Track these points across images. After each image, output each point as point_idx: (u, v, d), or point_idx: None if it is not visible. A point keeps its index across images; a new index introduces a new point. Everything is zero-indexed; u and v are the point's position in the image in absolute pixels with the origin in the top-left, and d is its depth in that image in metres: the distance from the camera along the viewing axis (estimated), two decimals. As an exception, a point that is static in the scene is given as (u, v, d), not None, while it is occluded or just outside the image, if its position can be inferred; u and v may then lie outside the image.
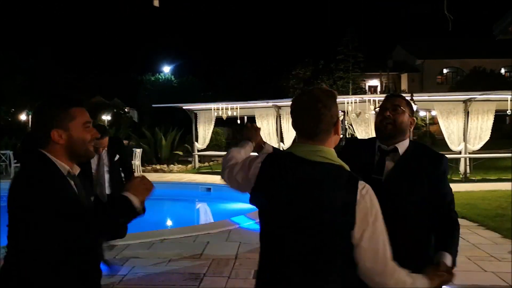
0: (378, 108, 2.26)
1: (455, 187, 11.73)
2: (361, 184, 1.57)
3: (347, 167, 1.64)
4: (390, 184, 2.10)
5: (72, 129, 1.77)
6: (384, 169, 2.15)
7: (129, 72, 32.06)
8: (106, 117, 30.90)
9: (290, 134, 13.41)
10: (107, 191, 4.60)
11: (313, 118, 1.64)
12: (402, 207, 2.07)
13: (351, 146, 2.43)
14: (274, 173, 1.68)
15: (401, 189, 2.09)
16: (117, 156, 4.68)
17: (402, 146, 2.17)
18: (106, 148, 4.54)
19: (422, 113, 25.90)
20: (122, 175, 4.83)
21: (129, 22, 41.99)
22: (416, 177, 2.11)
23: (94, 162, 4.52)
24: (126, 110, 35.42)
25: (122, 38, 39.32)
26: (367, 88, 41.52)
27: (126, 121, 30.00)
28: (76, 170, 1.84)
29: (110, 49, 35.02)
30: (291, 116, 1.71)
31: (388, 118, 2.16)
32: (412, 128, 2.26)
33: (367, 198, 1.55)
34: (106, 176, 4.61)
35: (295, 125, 1.70)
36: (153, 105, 19.92)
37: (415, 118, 2.28)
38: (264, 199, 1.70)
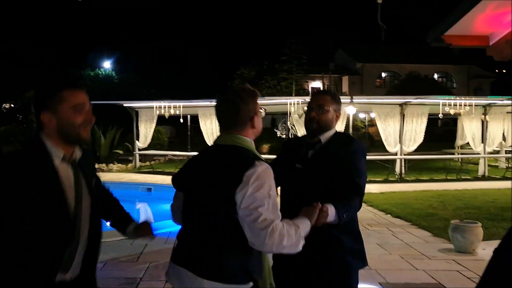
0: (307, 107, 2.45)
1: (391, 187, 12.10)
2: (259, 162, 1.69)
3: (257, 154, 1.79)
4: (307, 170, 2.30)
5: (61, 111, 1.69)
6: (306, 159, 2.36)
7: (67, 66, 30.58)
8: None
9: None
10: None
11: (231, 111, 1.80)
12: (318, 190, 2.22)
13: (287, 145, 2.64)
14: (193, 159, 1.93)
15: (317, 173, 2.27)
16: None
17: (325, 137, 2.38)
18: None
19: (361, 115, 26.76)
20: None
21: (66, 15, 40.16)
22: (330, 160, 2.28)
23: None
24: (63, 106, 33.77)
25: (59, 31, 37.46)
26: (310, 89, 42.37)
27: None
28: (77, 154, 1.77)
29: (45, 41, 33.23)
30: (215, 110, 1.87)
31: (313, 118, 2.36)
32: (338, 121, 2.47)
33: (257, 170, 1.65)
34: None
35: (217, 118, 1.86)
36: (92, 102, 19.15)
37: (340, 113, 2.46)
38: (180, 178, 1.92)
